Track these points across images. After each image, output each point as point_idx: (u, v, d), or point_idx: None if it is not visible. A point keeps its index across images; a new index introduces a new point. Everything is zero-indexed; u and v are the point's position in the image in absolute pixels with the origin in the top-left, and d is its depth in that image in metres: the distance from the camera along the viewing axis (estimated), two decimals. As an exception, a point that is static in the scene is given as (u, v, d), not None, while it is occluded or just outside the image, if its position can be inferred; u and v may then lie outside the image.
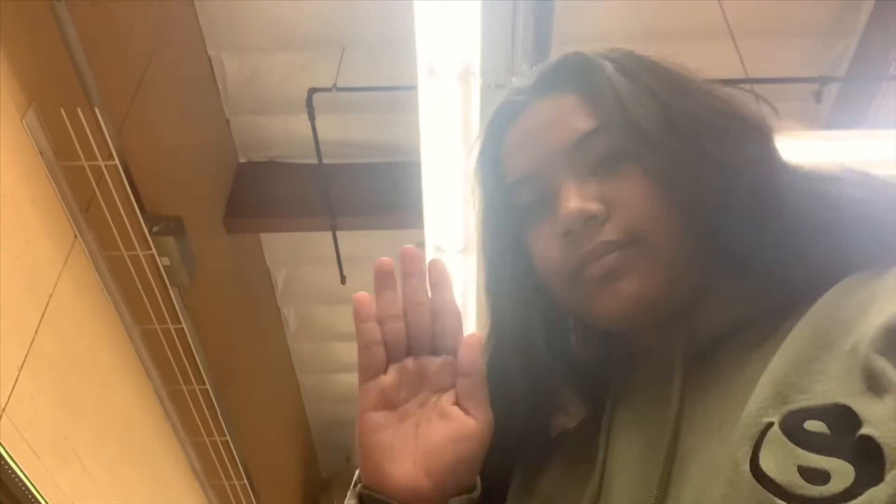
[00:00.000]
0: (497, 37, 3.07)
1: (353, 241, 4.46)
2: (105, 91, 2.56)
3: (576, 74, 0.71)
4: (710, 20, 3.51)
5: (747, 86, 3.48)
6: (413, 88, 2.66)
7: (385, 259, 0.66)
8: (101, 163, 2.51)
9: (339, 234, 4.28)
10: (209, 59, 3.99)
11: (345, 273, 4.59)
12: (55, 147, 2.40)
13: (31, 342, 2.31)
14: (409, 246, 0.67)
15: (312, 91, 3.72)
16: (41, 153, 2.35)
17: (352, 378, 6.27)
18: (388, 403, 0.65)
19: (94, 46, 2.57)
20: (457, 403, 0.65)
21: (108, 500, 2.82)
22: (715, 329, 0.65)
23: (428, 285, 0.68)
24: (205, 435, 3.54)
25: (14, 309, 2.23)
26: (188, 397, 3.33)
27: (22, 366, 2.26)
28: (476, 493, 0.65)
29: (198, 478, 3.79)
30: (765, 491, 0.48)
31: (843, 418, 0.49)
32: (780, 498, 0.48)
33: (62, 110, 2.35)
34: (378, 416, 0.65)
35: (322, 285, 5.02)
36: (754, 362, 0.59)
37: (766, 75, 3.51)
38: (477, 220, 0.79)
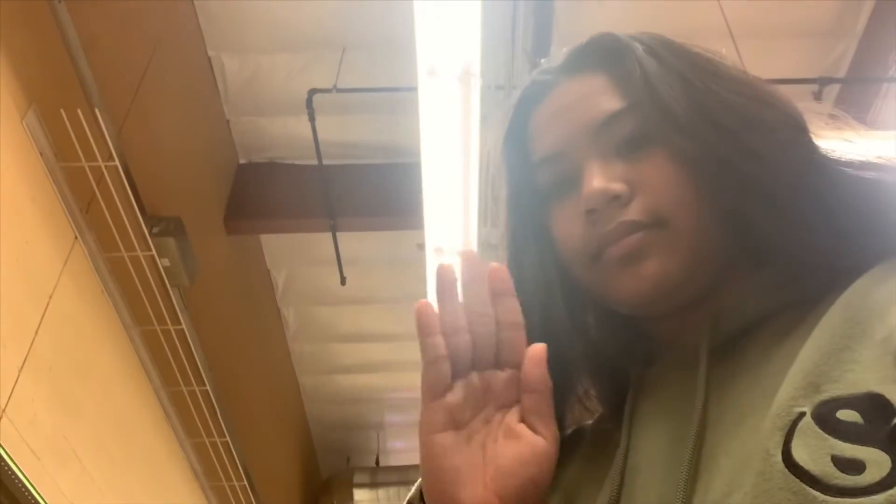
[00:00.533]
0: (497, 38, 3.07)
1: (353, 242, 4.46)
2: (105, 92, 2.56)
3: (606, 55, 0.71)
4: (709, 21, 3.52)
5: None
6: (413, 89, 2.66)
7: (446, 265, 0.61)
8: (102, 164, 2.51)
9: (339, 234, 4.28)
10: (209, 59, 3.99)
11: (345, 274, 4.59)
12: (55, 148, 2.40)
13: (31, 343, 2.31)
14: (468, 249, 0.64)
15: (313, 92, 3.72)
16: (41, 154, 2.35)
17: (352, 379, 6.30)
18: (455, 423, 0.61)
19: (95, 47, 2.57)
20: (523, 420, 0.61)
21: (107, 501, 2.81)
22: (741, 319, 0.64)
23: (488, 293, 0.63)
24: (204, 436, 3.54)
25: (14, 310, 2.23)
26: (188, 398, 3.33)
27: (22, 367, 2.26)
28: None
29: (197, 479, 3.78)
30: (798, 481, 0.47)
31: (878, 407, 0.48)
32: (814, 488, 0.47)
33: (62, 111, 2.35)
34: (446, 439, 0.60)
35: (322, 286, 5.02)
36: (782, 352, 0.59)
37: (766, 76, 3.51)
38: (504, 201, 0.77)
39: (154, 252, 2.83)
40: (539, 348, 0.61)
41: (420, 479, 0.64)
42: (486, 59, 2.57)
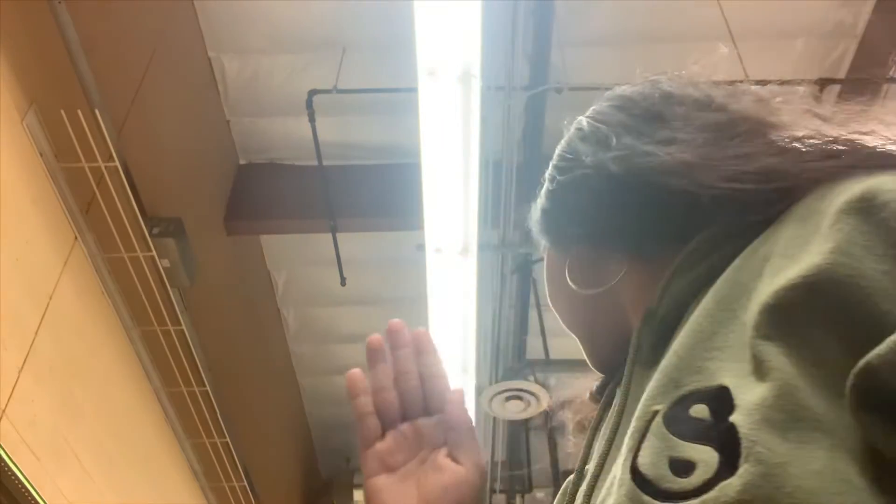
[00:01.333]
0: (497, 39, 3.07)
1: (353, 243, 4.46)
2: (105, 92, 2.56)
3: None
4: (709, 21, 3.51)
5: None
6: (413, 90, 2.66)
7: (375, 337, 0.73)
8: (102, 164, 2.51)
9: (339, 235, 4.28)
10: (209, 60, 3.99)
11: (345, 275, 4.59)
12: (55, 148, 2.40)
13: (31, 344, 2.31)
14: (395, 320, 0.73)
15: (313, 93, 3.72)
16: (41, 154, 2.35)
17: (352, 380, 6.30)
18: (388, 467, 0.70)
19: (95, 48, 2.57)
20: (449, 455, 0.69)
21: (107, 501, 2.81)
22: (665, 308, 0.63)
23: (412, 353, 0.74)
24: (204, 437, 3.54)
25: (14, 311, 2.23)
26: (188, 399, 3.33)
27: (22, 367, 2.26)
28: None
29: (197, 479, 3.78)
30: (634, 487, 0.46)
31: (723, 402, 0.45)
32: (647, 493, 0.45)
33: (62, 112, 2.35)
34: (380, 481, 0.70)
35: (322, 287, 5.02)
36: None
37: (767, 77, 3.51)
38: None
39: (154, 253, 2.83)
40: (459, 392, 0.71)
41: None
42: (487, 60, 2.56)
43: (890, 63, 3.70)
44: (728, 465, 0.42)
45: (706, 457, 0.43)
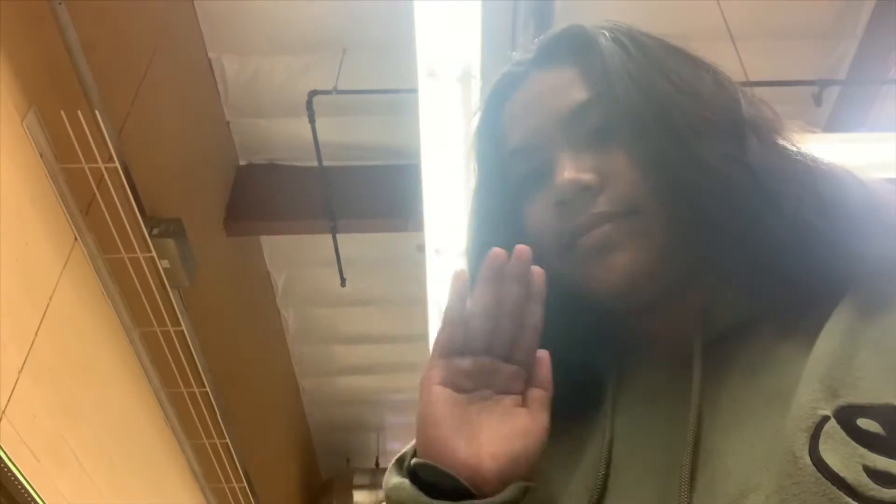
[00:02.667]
0: (497, 39, 3.07)
1: (353, 244, 4.46)
2: (105, 93, 2.56)
3: (575, 47, 0.72)
4: (709, 22, 3.51)
5: (747, 88, 3.48)
6: (413, 91, 2.66)
7: (500, 251, 0.62)
8: (102, 165, 2.51)
9: (339, 236, 4.28)
10: (209, 61, 3.99)
11: (345, 275, 4.59)
12: (55, 149, 2.40)
13: (31, 345, 2.31)
14: (523, 246, 0.62)
15: (313, 93, 3.72)
16: (41, 155, 2.35)
17: (352, 380, 6.29)
18: (455, 385, 0.62)
19: (95, 49, 2.57)
20: (522, 406, 0.64)
21: (107, 503, 2.81)
22: (729, 318, 0.64)
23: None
24: (204, 437, 3.54)
25: (14, 311, 2.23)
26: (188, 400, 3.33)
27: (22, 368, 2.26)
28: (533, 484, 0.63)
29: (197, 480, 3.78)
30: (832, 487, 0.47)
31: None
32: (850, 496, 0.47)
33: (62, 112, 2.35)
34: (446, 392, 0.62)
35: (322, 288, 5.02)
36: (781, 357, 0.59)
37: (766, 78, 3.51)
38: (473, 190, 0.78)
39: (154, 253, 2.83)
40: (545, 353, 0.64)
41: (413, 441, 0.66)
42: (486, 60, 2.56)
43: (890, 64, 3.70)
44: None
45: None
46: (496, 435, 0.61)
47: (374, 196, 4.25)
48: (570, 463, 0.68)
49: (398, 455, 0.68)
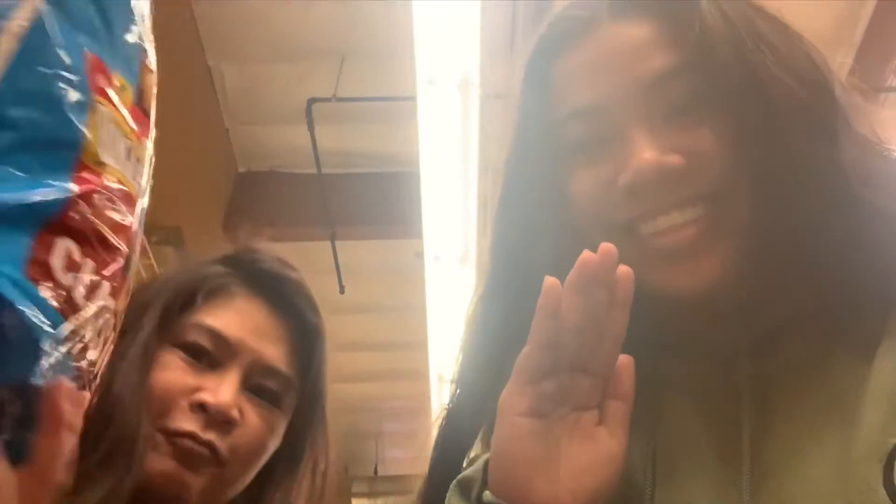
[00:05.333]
0: (496, 46, 3.08)
1: (352, 251, 4.46)
2: (104, 101, 2.56)
3: (664, 2, 0.61)
4: (708, 31, 3.53)
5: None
6: (412, 98, 2.67)
7: (591, 254, 0.54)
8: (101, 172, 2.51)
9: (338, 243, 4.28)
10: (209, 69, 3.99)
11: (344, 283, 4.59)
12: (54, 157, 2.40)
13: (29, 352, 2.30)
14: (611, 245, 0.54)
15: (312, 101, 3.72)
16: (40, 163, 2.35)
17: (350, 388, 6.27)
18: (538, 412, 0.56)
19: (94, 56, 2.57)
20: (601, 424, 0.58)
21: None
22: (775, 318, 0.60)
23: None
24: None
25: (12, 319, 2.22)
26: (186, 407, 3.31)
27: (20, 376, 2.25)
28: None
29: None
30: None
31: None
32: None
33: (62, 120, 2.35)
34: (530, 424, 0.56)
35: (321, 295, 4.94)
36: (836, 363, 0.56)
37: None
38: (504, 161, 0.68)
39: (153, 261, 2.82)
40: (629, 360, 0.58)
41: (485, 459, 0.60)
42: (486, 67, 2.57)
43: (888, 72, 3.71)
44: None
45: None
46: (577, 466, 0.56)
47: (373, 203, 4.25)
48: None
49: (463, 476, 0.63)
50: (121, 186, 0.50)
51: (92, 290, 0.46)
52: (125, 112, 0.49)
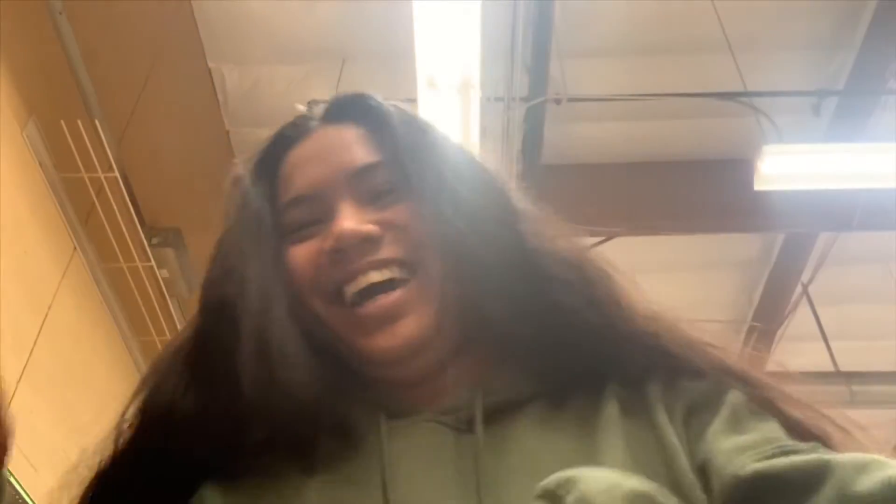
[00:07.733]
0: (497, 50, 3.08)
1: (352, 253, 4.47)
2: (105, 103, 2.57)
3: (365, 111, 0.75)
4: (708, 33, 3.53)
5: (746, 99, 3.50)
6: (413, 101, 2.67)
7: None
8: (101, 175, 2.51)
9: (338, 245, 4.28)
10: (209, 71, 3.99)
11: (344, 285, 4.59)
12: (55, 159, 2.40)
13: (30, 354, 2.30)
14: None
15: (313, 103, 3.72)
16: (41, 165, 2.35)
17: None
18: None
19: (95, 59, 2.58)
20: None
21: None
22: (507, 395, 0.66)
23: None
24: (203, 447, 3.53)
25: (13, 321, 2.22)
26: (187, 409, 3.31)
27: (20, 378, 2.25)
28: None
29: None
30: None
31: None
32: None
33: (62, 122, 2.35)
34: None
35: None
36: (550, 440, 0.62)
37: (765, 88, 3.51)
38: (226, 226, 0.75)
39: (153, 263, 2.83)
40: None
41: None
42: (486, 70, 2.57)
43: (888, 75, 3.71)
44: None
45: None
46: None
47: (373, 205, 4.25)
48: None
49: None
50: None
51: None
52: None
